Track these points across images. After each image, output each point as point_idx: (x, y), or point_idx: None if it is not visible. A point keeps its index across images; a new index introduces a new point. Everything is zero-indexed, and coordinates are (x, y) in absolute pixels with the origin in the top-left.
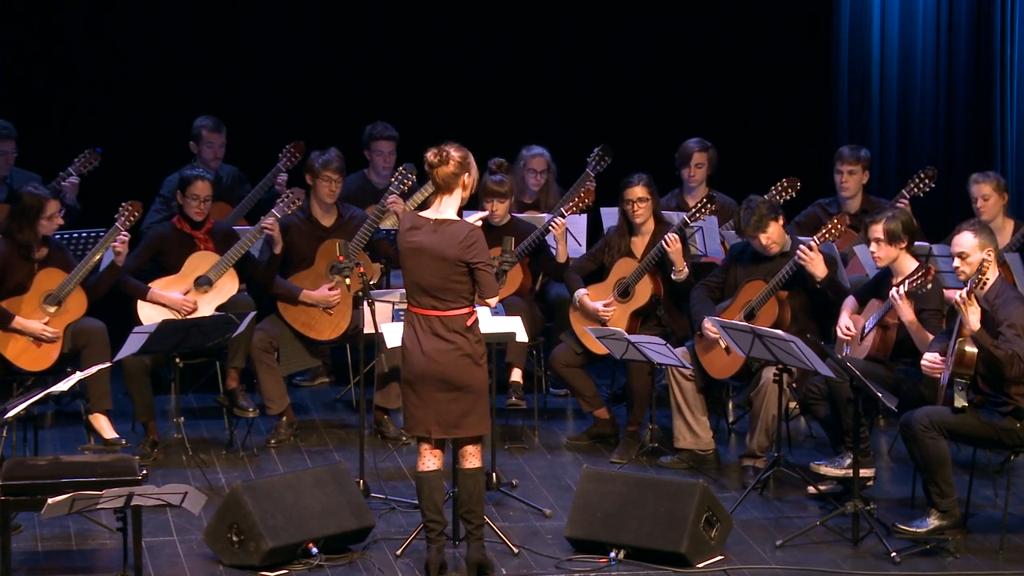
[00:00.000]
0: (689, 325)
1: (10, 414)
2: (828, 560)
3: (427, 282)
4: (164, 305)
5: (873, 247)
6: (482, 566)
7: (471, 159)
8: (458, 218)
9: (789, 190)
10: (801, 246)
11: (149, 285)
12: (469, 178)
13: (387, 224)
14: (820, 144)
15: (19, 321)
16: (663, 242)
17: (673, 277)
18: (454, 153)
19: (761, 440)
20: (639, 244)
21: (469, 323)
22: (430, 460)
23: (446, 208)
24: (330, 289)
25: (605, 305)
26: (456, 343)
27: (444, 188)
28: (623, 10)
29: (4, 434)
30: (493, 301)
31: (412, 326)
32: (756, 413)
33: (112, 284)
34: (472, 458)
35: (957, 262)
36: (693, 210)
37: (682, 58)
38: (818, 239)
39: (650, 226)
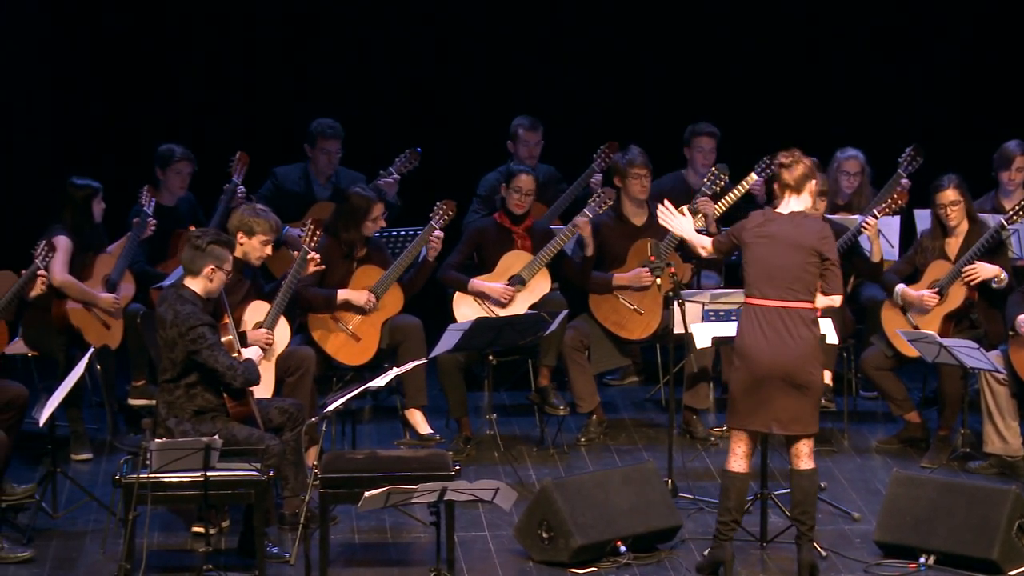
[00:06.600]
0: (1004, 329)
1: (330, 408)
2: None
3: (776, 271)
4: (484, 295)
5: None
6: (813, 567)
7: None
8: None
9: None
10: None
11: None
12: (816, 184)
13: (696, 224)
14: None
15: (343, 293)
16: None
17: (994, 286)
18: (805, 158)
19: None
20: (953, 245)
21: (819, 315)
22: (743, 462)
23: (795, 207)
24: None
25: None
26: (803, 338)
27: (794, 188)
28: (930, 12)
29: (324, 428)
30: (839, 299)
31: (755, 321)
32: None
33: (426, 280)
34: (807, 458)
35: None
36: (1010, 212)
37: (1000, 56)
38: None
39: (964, 227)
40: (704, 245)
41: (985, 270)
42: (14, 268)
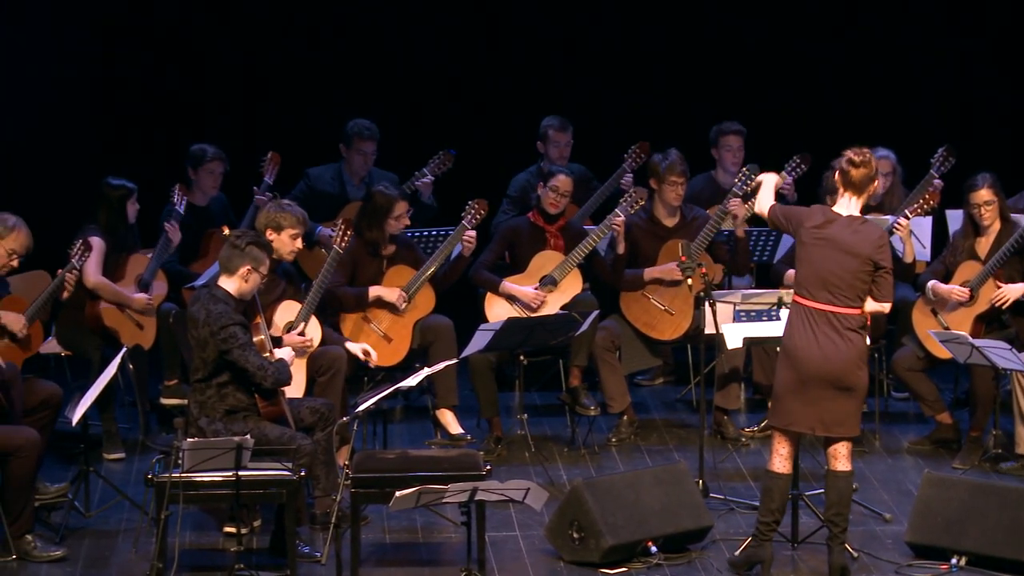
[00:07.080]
0: None
1: (361, 408)
2: None
3: (830, 276)
4: (515, 298)
5: None
6: (844, 569)
7: None
8: (869, 217)
9: None
10: None
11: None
12: (872, 186)
13: (727, 226)
14: None
15: (375, 290)
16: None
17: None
18: (874, 161)
19: None
20: (984, 245)
21: (869, 321)
22: (786, 463)
23: (853, 208)
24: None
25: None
26: (853, 341)
27: (857, 189)
28: (963, 10)
29: (355, 427)
30: (888, 307)
31: (805, 322)
32: None
33: (459, 276)
34: (845, 460)
35: None
36: None
37: None
38: None
39: (996, 226)
40: (763, 209)
41: (1013, 292)
42: (48, 268)
